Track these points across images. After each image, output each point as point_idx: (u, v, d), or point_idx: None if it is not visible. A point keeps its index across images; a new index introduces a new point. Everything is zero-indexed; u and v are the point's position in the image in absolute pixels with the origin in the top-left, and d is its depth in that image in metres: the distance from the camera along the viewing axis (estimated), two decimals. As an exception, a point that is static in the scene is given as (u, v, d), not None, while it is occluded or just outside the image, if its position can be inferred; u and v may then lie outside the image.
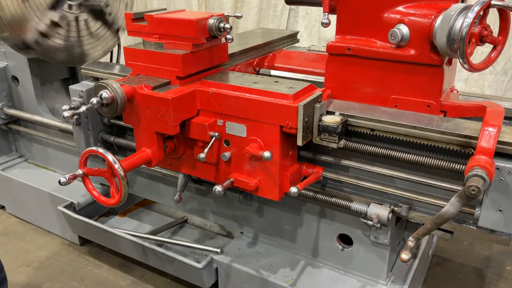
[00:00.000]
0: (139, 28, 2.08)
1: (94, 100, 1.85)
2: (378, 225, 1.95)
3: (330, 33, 4.24)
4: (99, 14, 3.10)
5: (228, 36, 2.04)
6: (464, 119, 1.82)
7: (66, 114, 1.92)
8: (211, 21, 1.96)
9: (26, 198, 3.24)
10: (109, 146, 2.73)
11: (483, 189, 1.44)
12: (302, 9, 4.50)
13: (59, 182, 1.81)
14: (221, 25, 1.98)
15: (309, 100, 1.81)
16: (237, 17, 2.18)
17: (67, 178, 1.82)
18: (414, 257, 2.36)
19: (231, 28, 2.01)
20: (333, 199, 2.05)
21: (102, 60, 3.29)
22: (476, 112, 1.81)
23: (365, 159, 1.98)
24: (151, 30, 2.04)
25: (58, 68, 3.30)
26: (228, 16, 2.06)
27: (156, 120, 1.93)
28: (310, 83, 1.95)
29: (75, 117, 2.59)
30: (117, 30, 3.29)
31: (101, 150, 1.83)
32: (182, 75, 1.98)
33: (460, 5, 1.71)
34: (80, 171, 1.87)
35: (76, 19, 2.98)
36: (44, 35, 2.82)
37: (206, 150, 1.95)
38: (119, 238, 2.63)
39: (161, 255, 2.48)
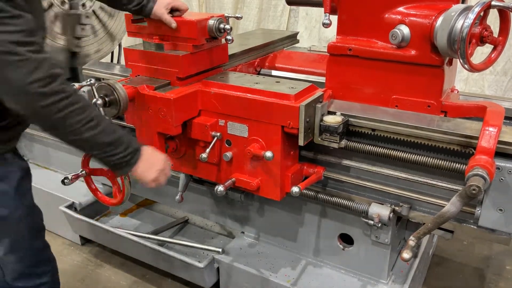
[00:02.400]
0: (139, 29, 2.09)
1: (96, 101, 1.85)
2: (379, 225, 1.96)
3: (330, 33, 4.25)
4: (70, 25, 2.94)
5: (228, 37, 2.05)
6: (464, 119, 1.83)
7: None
8: (211, 22, 1.97)
9: (27, 198, 3.24)
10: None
11: (484, 188, 1.45)
12: (302, 9, 4.51)
13: (63, 182, 1.81)
14: (221, 26, 1.99)
15: (310, 100, 1.82)
16: (237, 18, 2.19)
17: (70, 177, 1.83)
18: (414, 256, 2.37)
19: (231, 29, 2.02)
20: (334, 199, 2.06)
21: (103, 60, 3.30)
22: (477, 112, 1.82)
23: (366, 159, 1.99)
24: (151, 31, 2.04)
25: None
26: (228, 17, 2.06)
27: (158, 120, 1.94)
28: (311, 84, 1.96)
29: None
30: (74, 54, 3.05)
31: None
32: (182, 76, 1.99)
33: (460, 6, 1.72)
34: (83, 171, 1.88)
35: (49, 6, 2.78)
36: None
37: (207, 150, 1.96)
38: (121, 238, 2.64)
39: (162, 255, 2.49)
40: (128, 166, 1.56)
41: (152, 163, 1.62)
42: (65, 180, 1.81)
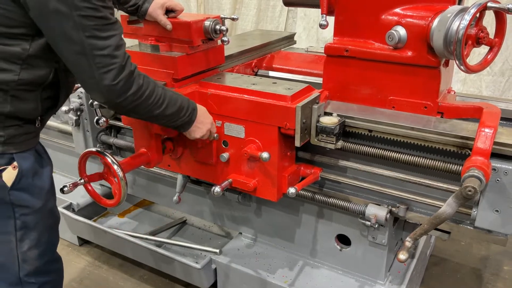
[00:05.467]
0: (135, 30, 2.08)
1: (93, 101, 1.85)
2: (376, 226, 1.96)
3: (328, 34, 4.25)
4: None
5: (224, 38, 2.05)
6: (461, 120, 1.83)
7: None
8: (207, 23, 1.97)
9: (25, 199, 3.23)
10: (108, 147, 2.74)
11: (480, 189, 1.45)
12: (300, 10, 4.51)
13: (62, 190, 1.81)
14: (217, 27, 1.99)
15: (307, 101, 1.82)
16: (233, 19, 2.19)
17: (69, 186, 1.82)
18: (411, 257, 2.37)
19: (227, 30, 2.02)
20: (331, 200, 2.06)
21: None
22: (473, 113, 1.82)
23: (363, 159, 1.99)
24: (147, 32, 2.04)
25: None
26: (224, 18, 2.06)
27: (155, 121, 1.93)
28: (308, 85, 1.96)
29: (74, 118, 2.59)
30: None
31: (100, 151, 1.84)
32: (179, 77, 1.99)
33: (456, 7, 1.73)
34: (81, 179, 1.87)
35: None
36: None
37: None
38: (118, 238, 2.64)
39: (160, 256, 2.49)
40: (188, 125, 1.80)
41: (202, 123, 1.85)
42: (64, 189, 1.81)
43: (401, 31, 1.83)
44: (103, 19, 1.37)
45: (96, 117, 2.05)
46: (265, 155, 1.83)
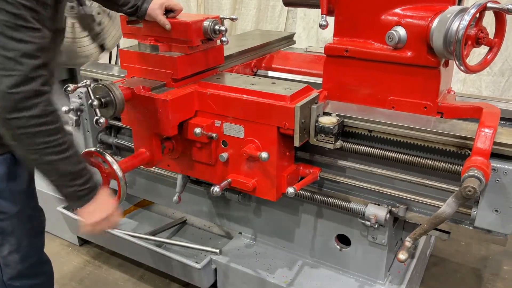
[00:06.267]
0: (134, 30, 2.08)
1: (92, 102, 1.85)
2: (376, 226, 1.96)
3: (328, 34, 4.25)
4: (88, 23, 3.03)
5: (223, 38, 2.05)
6: (460, 120, 1.83)
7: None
8: (206, 23, 1.97)
9: (25, 199, 3.23)
10: (108, 147, 2.74)
11: (479, 189, 1.45)
12: (300, 10, 4.51)
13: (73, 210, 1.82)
14: (216, 27, 1.99)
15: (305, 101, 1.82)
16: (232, 19, 2.19)
17: None
18: (411, 257, 2.37)
19: (226, 30, 2.02)
20: (331, 200, 2.06)
21: (101, 61, 3.30)
22: (473, 113, 1.82)
23: (362, 159, 1.99)
24: (146, 32, 2.04)
25: (57, 69, 3.30)
26: (223, 18, 2.06)
27: (154, 121, 1.94)
28: (307, 85, 1.96)
29: (74, 118, 2.60)
30: (102, 46, 3.19)
31: (99, 151, 1.84)
32: (178, 77, 1.99)
33: (456, 8, 1.73)
34: None
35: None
36: None
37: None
38: (118, 238, 2.64)
39: (160, 256, 2.49)
40: (81, 201, 1.50)
41: (100, 208, 1.53)
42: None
43: (401, 31, 1.83)
44: (18, 18, 1.24)
45: (96, 117, 2.04)
46: (264, 155, 1.83)
